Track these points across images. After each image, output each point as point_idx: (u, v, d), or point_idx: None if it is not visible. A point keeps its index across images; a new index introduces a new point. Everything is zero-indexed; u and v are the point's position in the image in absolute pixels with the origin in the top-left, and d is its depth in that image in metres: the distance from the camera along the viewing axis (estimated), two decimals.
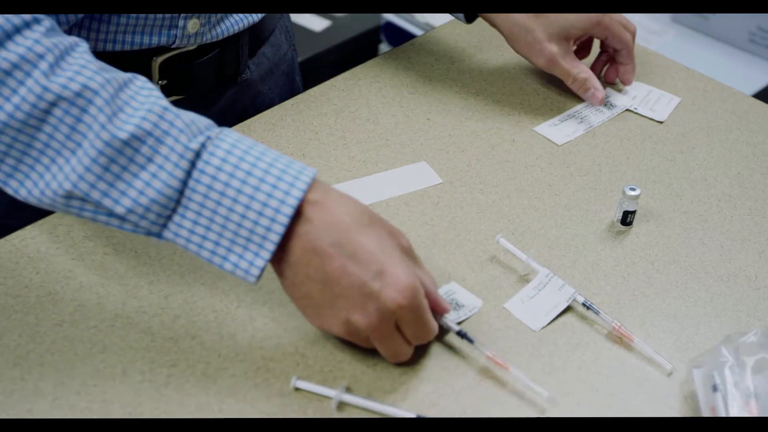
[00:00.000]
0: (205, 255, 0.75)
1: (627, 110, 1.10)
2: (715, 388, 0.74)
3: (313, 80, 1.15)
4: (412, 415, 0.75)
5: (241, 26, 1.01)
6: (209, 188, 0.74)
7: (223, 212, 0.74)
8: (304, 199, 0.75)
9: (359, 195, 0.79)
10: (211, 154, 0.74)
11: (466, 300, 0.84)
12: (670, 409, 0.77)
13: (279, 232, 0.74)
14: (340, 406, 0.76)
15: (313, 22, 2.10)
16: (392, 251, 0.76)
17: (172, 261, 0.87)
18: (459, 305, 0.84)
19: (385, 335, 0.76)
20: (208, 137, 0.75)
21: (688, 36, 1.93)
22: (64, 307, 0.82)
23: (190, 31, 0.95)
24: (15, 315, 0.81)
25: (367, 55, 1.56)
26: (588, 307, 0.84)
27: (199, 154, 0.74)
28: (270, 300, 0.84)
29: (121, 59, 0.91)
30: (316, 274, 0.75)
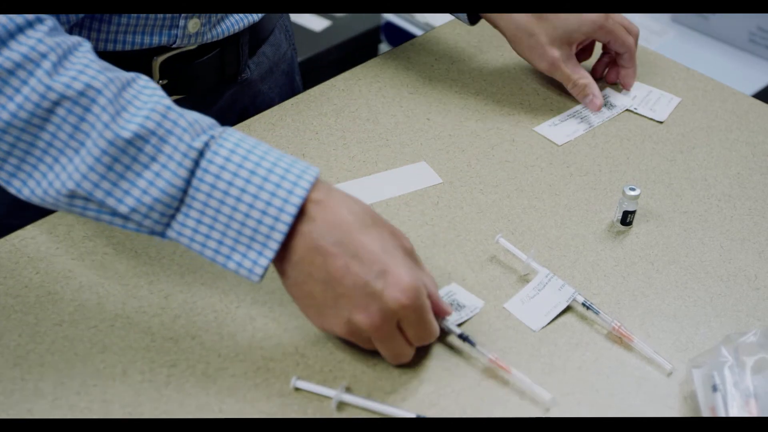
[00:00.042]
0: (209, 254, 0.75)
1: (627, 110, 1.10)
2: (715, 388, 0.74)
3: (313, 80, 1.15)
4: (412, 415, 0.75)
5: (241, 26, 1.01)
6: (213, 187, 0.74)
7: (226, 211, 0.74)
8: (307, 198, 0.75)
9: (359, 195, 0.79)
10: (215, 153, 0.74)
11: (468, 301, 0.84)
12: (670, 409, 0.77)
13: (283, 231, 0.74)
14: (340, 406, 0.76)
15: (313, 22, 2.10)
16: (395, 251, 0.76)
17: (172, 261, 0.87)
18: (460, 306, 0.84)
19: (386, 335, 0.76)
20: (212, 136, 0.75)
21: (688, 36, 1.93)
22: (63, 307, 0.82)
23: (191, 30, 0.95)
24: (15, 315, 0.81)
25: (367, 55, 1.56)
26: (588, 307, 0.84)
27: (202, 153, 0.74)
28: (270, 300, 0.84)
29: (121, 59, 0.91)
30: (319, 273, 0.75)
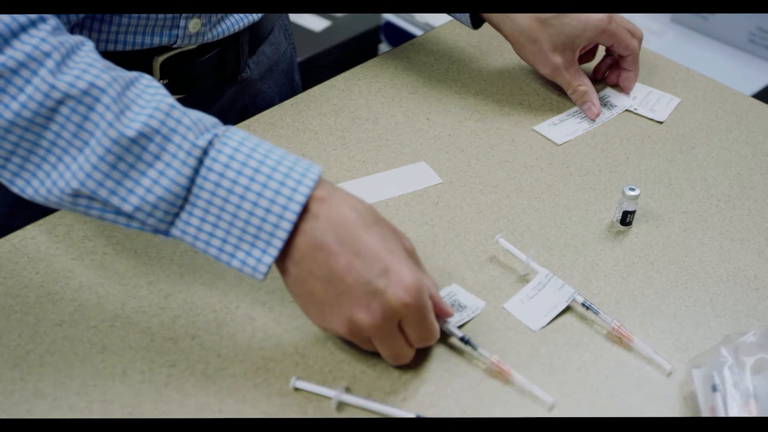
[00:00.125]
0: (213, 252, 0.75)
1: (627, 110, 1.10)
2: (715, 389, 0.74)
3: (313, 80, 1.15)
4: (412, 416, 0.75)
5: (241, 25, 1.01)
6: (217, 186, 0.74)
7: (230, 209, 0.74)
8: (310, 196, 0.75)
9: (359, 195, 0.79)
10: (219, 152, 0.74)
11: (469, 301, 0.84)
12: (670, 410, 0.77)
13: (287, 230, 0.74)
14: (340, 407, 0.76)
15: (313, 22, 2.09)
16: (397, 251, 0.76)
17: (171, 261, 0.87)
18: (462, 306, 0.84)
19: (387, 335, 0.76)
20: (215, 134, 0.75)
21: (688, 36, 1.93)
22: (63, 307, 0.82)
23: (192, 30, 0.95)
24: (15, 315, 0.81)
25: (367, 55, 1.56)
26: (587, 307, 0.84)
27: (206, 152, 0.74)
28: (270, 300, 0.84)
29: (122, 59, 0.91)
30: (321, 270, 0.75)
